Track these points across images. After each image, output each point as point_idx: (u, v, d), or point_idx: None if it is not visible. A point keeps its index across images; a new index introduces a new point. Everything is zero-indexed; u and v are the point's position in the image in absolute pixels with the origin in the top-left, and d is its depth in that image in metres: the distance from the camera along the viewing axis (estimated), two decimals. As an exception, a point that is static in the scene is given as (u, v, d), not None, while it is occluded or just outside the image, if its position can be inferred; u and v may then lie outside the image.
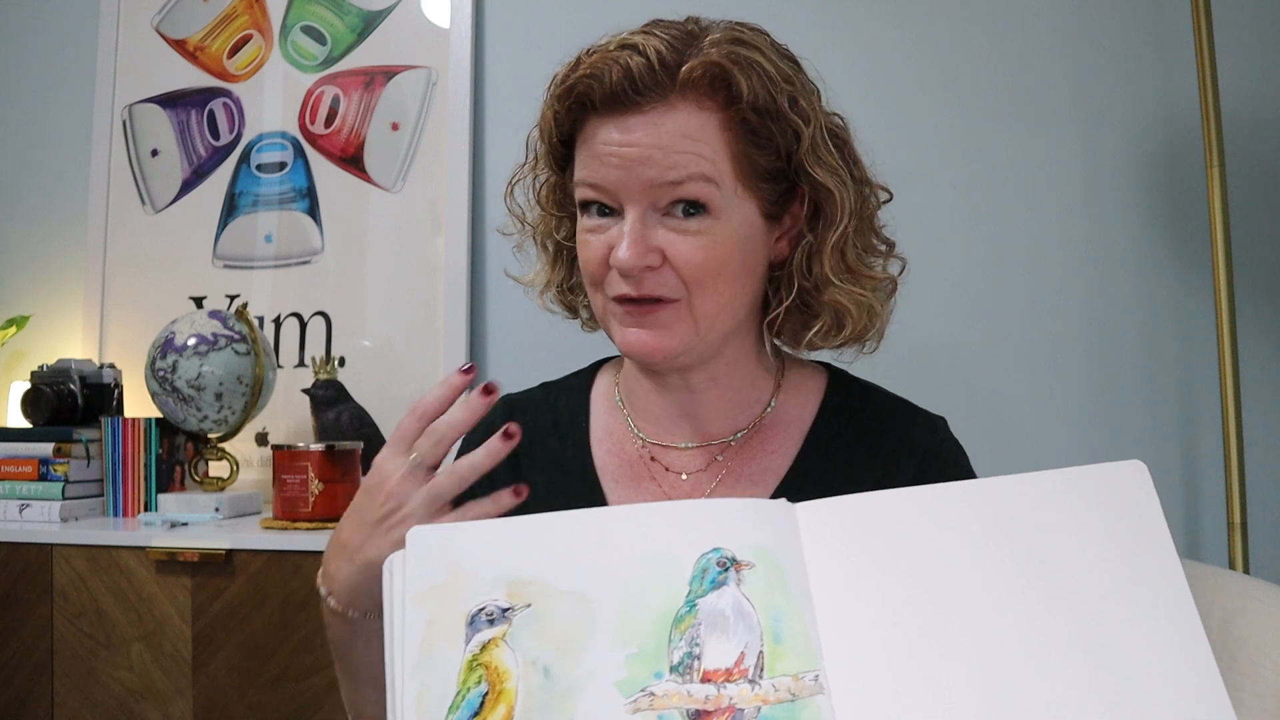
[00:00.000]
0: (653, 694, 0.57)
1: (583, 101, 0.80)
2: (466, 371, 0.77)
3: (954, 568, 0.63)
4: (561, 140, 0.85)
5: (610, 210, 0.81)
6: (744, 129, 0.80)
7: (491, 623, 0.59)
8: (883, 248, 0.89)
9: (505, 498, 0.75)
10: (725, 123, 0.79)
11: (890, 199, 0.89)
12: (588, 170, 0.81)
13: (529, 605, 0.60)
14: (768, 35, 0.84)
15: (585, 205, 0.83)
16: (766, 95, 0.79)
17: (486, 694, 0.58)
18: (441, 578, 0.61)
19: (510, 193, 0.93)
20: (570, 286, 0.96)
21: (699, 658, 0.58)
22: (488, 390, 0.75)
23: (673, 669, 0.58)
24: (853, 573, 0.63)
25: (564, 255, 0.94)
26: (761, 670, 0.58)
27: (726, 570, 0.61)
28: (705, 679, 0.58)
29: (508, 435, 0.75)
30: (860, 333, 0.88)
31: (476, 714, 0.57)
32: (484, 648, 0.59)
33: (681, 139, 0.78)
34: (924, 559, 0.63)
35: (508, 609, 0.60)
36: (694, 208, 0.79)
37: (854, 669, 0.59)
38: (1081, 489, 0.66)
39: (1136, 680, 0.59)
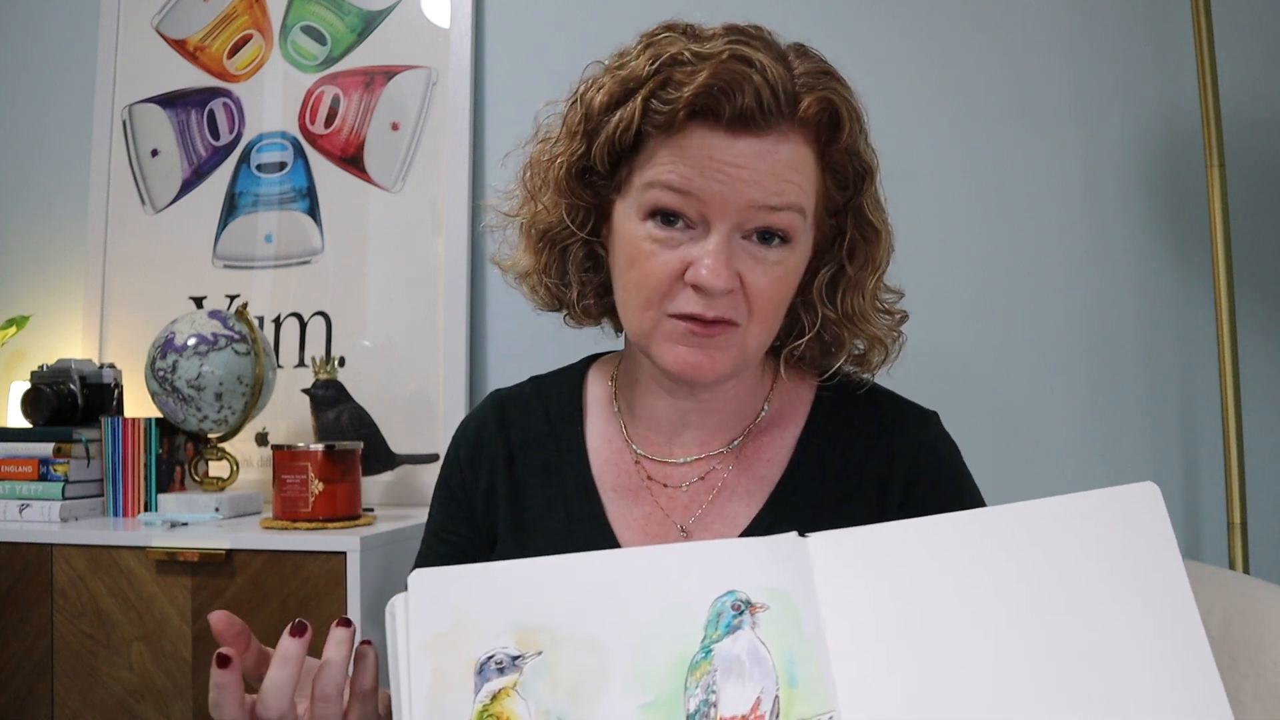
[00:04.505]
0: None
1: (699, 110, 0.76)
2: (297, 632, 0.68)
3: (967, 597, 0.63)
4: (636, 134, 0.79)
5: (679, 220, 0.78)
6: (829, 166, 0.81)
7: (501, 671, 0.58)
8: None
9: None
10: (818, 158, 0.80)
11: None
12: (680, 176, 0.77)
13: (539, 653, 0.58)
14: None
15: (656, 212, 0.79)
16: (857, 136, 0.81)
17: None
18: (446, 625, 0.59)
19: (528, 168, 0.88)
20: (558, 274, 0.90)
21: (715, 705, 0.58)
22: (297, 632, 0.68)
23: (689, 717, 0.57)
24: (867, 606, 0.62)
25: (552, 245, 0.88)
26: (777, 716, 0.58)
27: (741, 614, 0.60)
28: None
29: (297, 631, 0.68)
30: (881, 362, 0.91)
31: None
32: (494, 698, 0.58)
33: (790, 169, 0.78)
34: (937, 590, 0.63)
35: (518, 657, 0.58)
36: (777, 237, 0.79)
37: (869, 708, 0.59)
38: (1093, 514, 0.65)
39: (1148, 710, 0.59)
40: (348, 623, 0.69)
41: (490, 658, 0.58)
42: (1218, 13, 1.52)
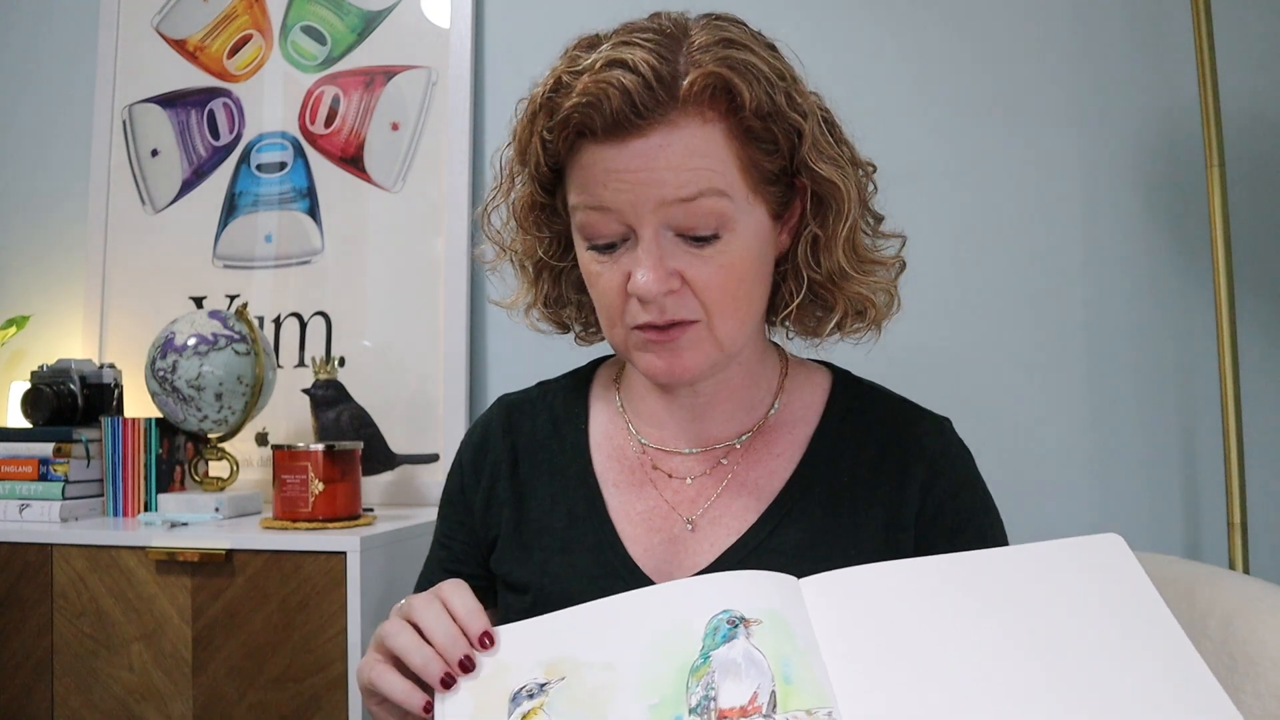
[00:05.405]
0: None
1: (580, 130, 0.76)
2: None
3: (956, 634, 0.65)
4: (550, 166, 0.81)
5: (614, 246, 0.79)
6: (748, 135, 0.78)
7: (531, 697, 0.67)
8: (871, 221, 0.89)
9: None
10: (729, 131, 0.77)
11: (875, 170, 0.88)
12: (591, 195, 0.77)
13: (563, 678, 0.67)
14: (746, 25, 0.82)
15: (589, 240, 0.80)
16: (767, 99, 0.77)
17: None
18: (489, 670, 0.69)
19: (486, 219, 0.91)
20: (556, 301, 0.93)
21: (714, 699, 0.62)
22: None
23: (691, 711, 0.62)
24: (857, 643, 0.65)
25: (546, 272, 0.92)
26: (775, 707, 0.61)
27: (736, 627, 0.65)
28: (722, 717, 0.61)
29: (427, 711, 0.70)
30: (880, 318, 0.89)
31: None
32: (524, 717, 0.66)
33: (690, 157, 0.75)
34: (928, 626, 0.65)
35: (545, 684, 0.67)
36: (706, 238, 0.77)
37: (866, 708, 0.61)
38: (1066, 560, 0.68)
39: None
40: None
41: (522, 688, 0.67)
42: (1218, 13, 1.52)
